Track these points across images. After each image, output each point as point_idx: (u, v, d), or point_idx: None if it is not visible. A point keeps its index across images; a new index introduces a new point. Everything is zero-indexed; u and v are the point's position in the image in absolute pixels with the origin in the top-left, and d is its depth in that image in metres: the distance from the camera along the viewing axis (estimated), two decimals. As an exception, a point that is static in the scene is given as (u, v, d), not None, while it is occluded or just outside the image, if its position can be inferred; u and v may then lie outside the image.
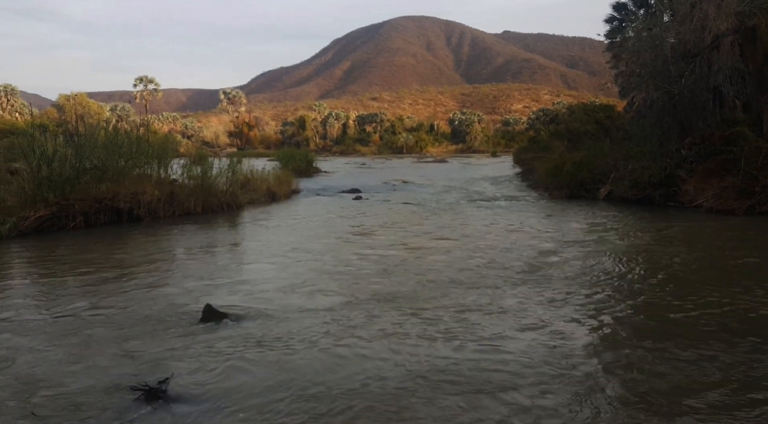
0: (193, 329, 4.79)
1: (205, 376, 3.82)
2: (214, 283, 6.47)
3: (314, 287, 6.19)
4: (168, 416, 3.28)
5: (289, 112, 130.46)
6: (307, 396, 3.52)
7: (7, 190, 10.41)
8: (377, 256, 7.92)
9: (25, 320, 5.13)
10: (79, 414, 3.32)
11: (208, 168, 13.54)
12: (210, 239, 9.84)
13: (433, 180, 24.58)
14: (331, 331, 4.73)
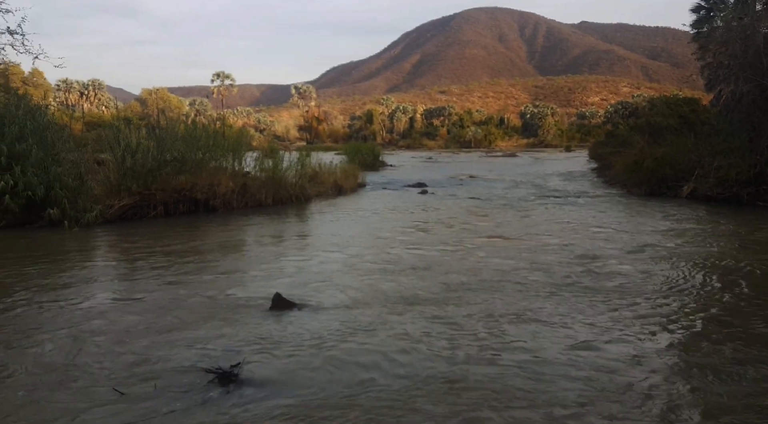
0: (262, 317, 4.95)
1: (273, 362, 3.96)
2: (282, 272, 6.65)
3: (371, 281, 6.23)
4: (239, 398, 3.42)
5: (357, 107, 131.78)
6: (366, 386, 3.57)
7: (95, 179, 11.14)
8: (433, 253, 7.85)
9: (108, 303, 5.48)
10: (158, 392, 3.51)
11: (278, 161, 13.90)
12: (279, 230, 10.11)
13: (502, 175, 24.09)
14: (382, 325, 4.73)
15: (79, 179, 10.66)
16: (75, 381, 3.71)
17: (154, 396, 3.45)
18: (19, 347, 4.26)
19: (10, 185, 9.55)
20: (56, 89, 63.28)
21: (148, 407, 3.31)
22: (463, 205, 13.68)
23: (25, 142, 10.19)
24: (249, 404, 3.34)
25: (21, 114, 10.75)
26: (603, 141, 30.57)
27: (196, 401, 3.38)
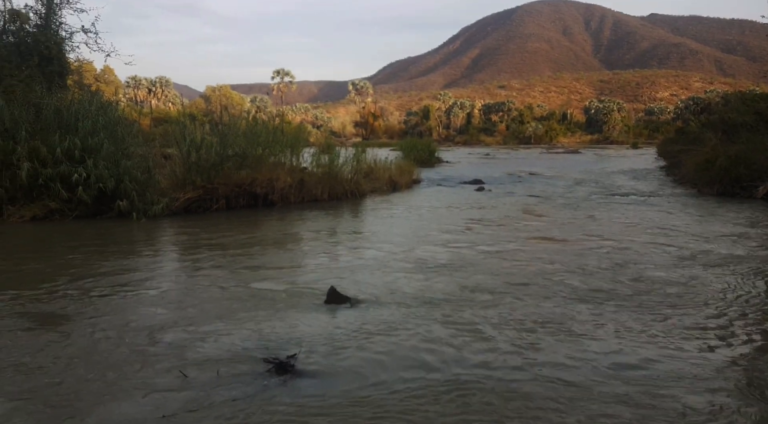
0: (317, 309, 5.05)
1: (328, 354, 4.03)
2: (336, 267, 6.73)
3: (422, 278, 6.19)
4: (295, 388, 3.51)
5: (414, 102, 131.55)
6: (415, 383, 3.55)
7: (162, 173, 11.63)
8: (482, 252, 7.70)
9: (172, 291, 5.71)
10: (219, 378, 3.66)
11: (335, 157, 14.05)
12: (334, 225, 10.22)
13: (564, 173, 23.41)
14: (430, 323, 4.69)
15: (147, 173, 11.16)
16: (143, 362, 3.89)
17: (216, 382, 3.59)
18: (90, 329, 4.50)
19: (83, 177, 10.11)
20: (126, 86, 66.66)
21: (211, 392, 3.44)
22: (520, 203, 13.38)
23: (97, 137, 10.76)
24: (304, 395, 3.42)
25: (93, 109, 11.37)
26: (672, 138, 29.18)
27: (256, 388, 3.50)
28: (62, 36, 12.93)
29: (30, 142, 10.27)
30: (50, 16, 12.74)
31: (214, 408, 3.24)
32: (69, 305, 5.15)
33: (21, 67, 11.91)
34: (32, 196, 10.15)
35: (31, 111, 10.85)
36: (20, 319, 4.77)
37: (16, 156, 10.05)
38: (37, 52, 12.22)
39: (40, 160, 10.15)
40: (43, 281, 5.95)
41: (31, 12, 12.48)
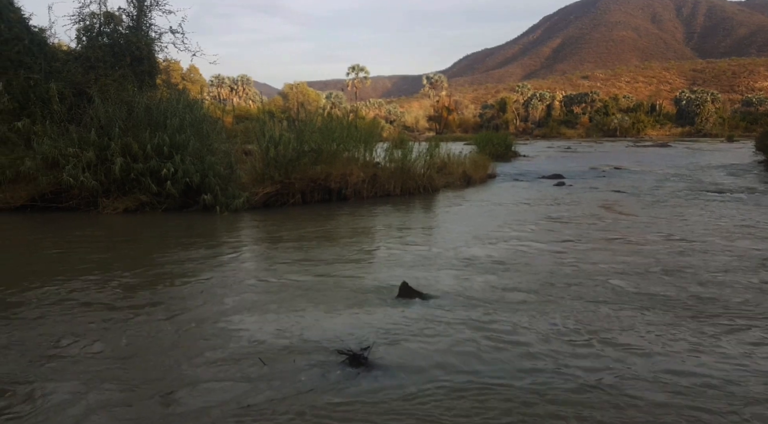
0: (389, 304, 5.08)
1: (400, 348, 4.04)
2: (408, 261, 6.70)
3: (495, 275, 6.04)
4: (368, 380, 3.55)
5: (490, 95, 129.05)
6: (485, 379, 3.47)
7: (242, 168, 12.07)
8: (553, 251, 7.37)
9: (250, 280, 5.89)
10: (295, 366, 3.77)
11: (407, 152, 14.01)
12: (406, 220, 10.19)
13: (652, 167, 22.13)
14: (502, 322, 4.54)
15: (229, 168, 11.63)
16: (224, 349, 4.05)
17: (292, 371, 3.69)
18: (174, 316, 4.72)
19: (171, 172, 10.67)
20: (210, 85, 70.01)
21: (288, 382, 3.54)
22: (602, 199, 12.75)
23: (184, 134, 11.32)
24: (377, 387, 3.46)
25: (181, 108, 11.96)
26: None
27: (330, 379, 3.57)
28: (152, 37, 13.68)
29: (123, 139, 10.97)
30: (141, 17, 13.52)
31: (293, 398, 3.33)
32: (156, 294, 5.44)
33: (115, 67, 12.75)
34: (125, 189, 10.85)
35: (124, 109, 11.58)
36: (109, 305, 5.08)
37: (110, 152, 10.77)
38: (129, 53, 13.02)
39: (132, 156, 10.82)
40: (134, 269, 6.33)
41: (124, 14, 13.31)
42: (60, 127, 11.31)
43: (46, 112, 11.57)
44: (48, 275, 6.11)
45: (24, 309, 4.95)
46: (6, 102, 11.29)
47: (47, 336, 4.31)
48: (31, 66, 11.89)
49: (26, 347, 4.10)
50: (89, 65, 12.61)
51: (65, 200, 10.85)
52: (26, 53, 11.92)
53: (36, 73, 11.85)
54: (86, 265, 6.63)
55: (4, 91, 11.32)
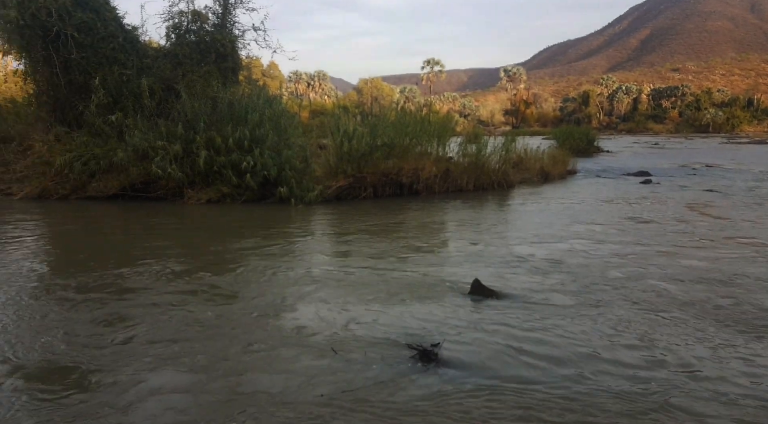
0: (461, 301, 5.00)
1: (471, 347, 3.98)
2: (479, 258, 6.56)
3: (569, 276, 5.77)
4: (438, 377, 3.51)
5: (572, 88, 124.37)
6: (556, 383, 3.33)
7: (317, 162, 12.31)
8: (636, 254, 6.91)
9: (321, 272, 5.97)
10: (366, 358, 3.79)
11: (482, 146, 13.73)
12: (479, 216, 9.99)
13: (749, 165, 20.47)
14: (576, 324, 4.31)
15: (304, 162, 11.90)
16: (297, 337, 4.13)
17: (363, 362, 3.72)
18: (250, 304, 4.87)
19: (250, 165, 11.05)
20: (288, 80, 71.99)
21: (359, 373, 3.56)
22: (691, 199, 11.92)
23: (263, 128, 11.69)
24: (447, 385, 3.42)
25: (261, 103, 12.35)
26: None
27: (400, 373, 3.56)
28: (236, 34, 14.19)
29: (207, 133, 11.47)
30: (226, 15, 14.05)
31: (364, 390, 3.35)
32: (230, 281, 5.63)
33: (201, 63, 13.34)
34: (208, 181, 11.35)
35: (209, 104, 12.10)
36: (189, 293, 5.31)
37: (196, 145, 11.30)
38: (215, 50, 13.58)
39: (215, 149, 11.30)
40: (209, 256, 6.60)
41: (210, 12, 13.87)
42: (150, 121, 12.00)
43: (137, 107, 12.31)
44: (130, 258, 6.49)
45: (104, 292, 5.28)
46: (101, 96, 12.11)
47: (120, 320, 4.56)
48: (124, 62, 12.67)
49: (100, 329, 4.36)
50: (177, 62, 13.27)
51: (153, 190, 11.51)
52: (120, 50, 12.72)
53: (128, 69, 12.62)
54: (166, 250, 6.99)
55: (100, 86, 12.14)
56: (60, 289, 5.39)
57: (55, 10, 11.70)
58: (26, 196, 11.63)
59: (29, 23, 11.64)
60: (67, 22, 11.93)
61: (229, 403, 3.20)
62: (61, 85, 12.48)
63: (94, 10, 12.46)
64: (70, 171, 11.53)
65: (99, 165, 11.63)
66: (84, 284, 5.53)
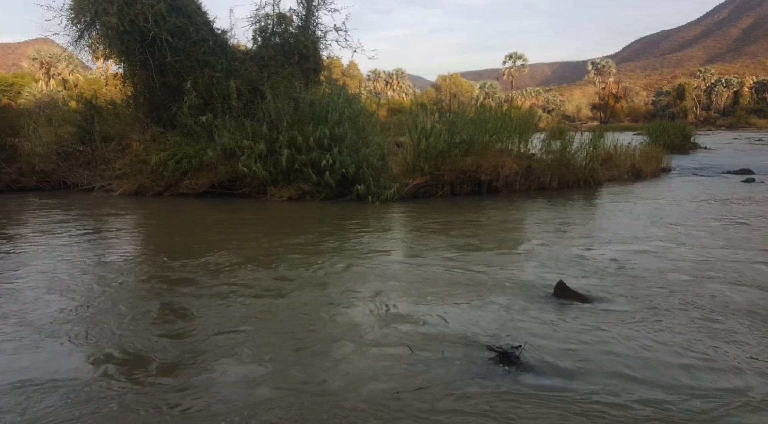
0: (544, 303, 4.83)
1: (555, 351, 3.83)
2: (564, 259, 6.29)
3: (660, 281, 5.38)
4: (519, 380, 3.40)
5: (665, 81, 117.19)
6: (640, 391, 3.11)
7: (394, 160, 12.30)
8: (731, 260, 6.28)
9: (398, 268, 5.94)
10: (443, 357, 3.73)
11: (567, 143, 13.17)
12: (563, 215, 9.56)
13: None
14: (665, 334, 3.99)
15: (382, 160, 11.93)
16: (373, 333, 4.15)
17: (440, 361, 3.66)
18: (327, 298, 4.91)
19: (329, 163, 11.23)
20: (367, 79, 72.77)
21: (436, 372, 3.51)
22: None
23: (342, 127, 11.84)
24: (527, 388, 3.31)
25: (341, 102, 12.52)
26: None
27: (478, 374, 3.47)
28: (318, 35, 14.48)
29: (289, 132, 11.78)
30: (309, 17, 14.36)
31: (440, 388, 3.29)
32: (309, 275, 5.72)
33: (284, 65, 13.74)
34: (289, 179, 11.66)
35: (291, 104, 12.42)
36: (264, 284, 5.44)
37: (278, 144, 11.63)
38: (298, 51, 13.93)
39: (296, 148, 11.58)
40: (290, 251, 6.74)
41: (294, 15, 14.23)
42: (237, 121, 12.50)
43: (225, 108, 12.86)
44: (208, 250, 6.75)
45: (195, 285, 5.51)
46: (193, 98, 12.75)
47: (194, 310, 4.73)
48: (214, 65, 13.28)
49: (177, 318, 4.53)
50: (263, 64, 13.74)
51: (239, 188, 11.99)
52: (210, 54, 13.34)
53: (218, 71, 13.21)
54: (245, 244, 7.21)
55: (192, 88, 12.79)
56: (136, 279, 5.70)
57: (152, 16, 12.45)
58: (124, 193, 12.47)
59: (128, 29, 12.47)
60: (162, 27, 12.66)
61: (303, 396, 3.21)
62: (156, 88, 13.27)
63: (187, 15, 13.14)
64: (164, 169, 12.24)
65: (191, 164, 12.25)
66: (162, 273, 5.82)
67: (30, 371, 3.56)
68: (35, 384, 3.38)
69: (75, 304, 4.90)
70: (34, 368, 3.61)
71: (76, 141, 14.28)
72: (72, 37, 13.01)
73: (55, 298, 5.07)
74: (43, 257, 6.66)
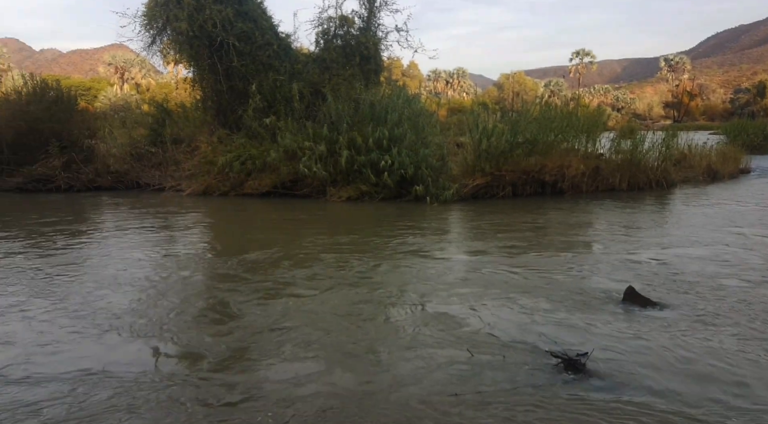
0: (611, 309, 4.62)
1: (623, 360, 3.65)
2: (631, 264, 5.99)
3: (736, 290, 5.01)
4: (584, 389, 3.26)
5: (744, 78, 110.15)
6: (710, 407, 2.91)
7: (454, 160, 12.13)
8: None
9: (460, 270, 5.83)
10: (504, 362, 3.62)
11: (637, 142, 12.59)
12: (633, 218, 9.11)
13: None
14: (742, 342, 3.64)
15: (441, 160, 11.80)
16: (431, 333, 4.08)
17: (500, 366, 3.56)
18: (381, 296, 4.87)
19: (388, 164, 11.21)
20: (427, 79, 72.43)
21: (496, 376, 3.42)
22: None
23: (401, 127, 11.79)
24: (593, 398, 3.14)
25: (400, 103, 12.47)
26: None
27: (541, 381, 3.35)
28: (379, 36, 14.51)
29: (349, 133, 11.86)
30: (371, 18, 14.41)
31: (500, 394, 3.19)
32: (363, 274, 5.69)
33: (345, 67, 13.85)
34: (348, 179, 11.73)
35: (351, 106, 12.50)
36: (323, 286, 5.45)
37: (338, 145, 11.73)
38: (359, 53, 14.01)
39: (356, 149, 11.64)
40: (348, 252, 6.75)
41: (356, 17, 14.33)
42: (299, 123, 12.71)
43: (288, 110, 13.11)
44: (267, 249, 6.86)
45: (258, 279, 5.60)
46: (257, 101, 13.08)
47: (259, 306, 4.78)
48: (278, 69, 13.57)
49: (256, 315, 4.59)
50: (324, 66, 13.92)
51: (300, 188, 12.18)
52: (275, 57, 13.64)
53: (282, 75, 13.49)
54: (304, 243, 7.28)
55: (256, 91, 13.12)
56: (194, 276, 5.85)
57: (219, 21, 12.87)
58: (192, 193, 12.95)
59: (197, 34, 12.94)
60: (229, 31, 13.06)
61: (363, 396, 3.17)
62: (223, 91, 13.71)
63: (253, 19, 13.50)
64: (230, 170, 12.61)
65: (254, 165, 12.56)
66: (218, 270, 5.95)
67: (88, 362, 3.69)
68: (92, 374, 3.51)
69: (134, 298, 5.09)
70: (91, 358, 3.75)
71: (148, 143, 14.98)
72: (145, 42, 13.66)
73: (115, 292, 5.28)
74: (110, 253, 6.98)
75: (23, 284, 5.61)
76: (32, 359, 3.76)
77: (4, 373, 3.54)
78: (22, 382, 3.42)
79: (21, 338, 4.14)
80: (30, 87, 15.20)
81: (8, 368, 3.60)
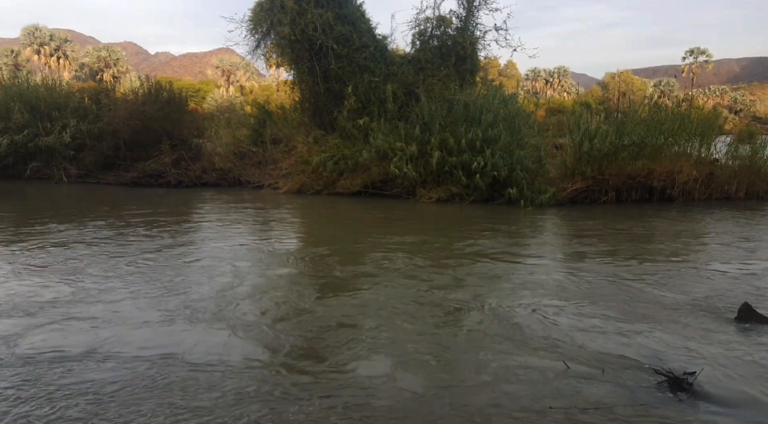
0: (722, 327, 4.25)
1: (736, 380, 3.35)
2: (749, 279, 5.44)
3: None
4: (692, 411, 3.01)
5: None
6: None
7: (551, 163, 11.63)
8: None
9: (554, 277, 5.54)
10: (602, 377, 3.40)
11: (758, 148, 11.49)
12: (749, 229, 8.26)
13: None
14: None
15: (537, 162, 11.37)
16: (524, 340, 3.94)
17: (598, 381, 3.35)
18: (471, 302, 4.72)
19: (480, 166, 10.96)
20: (525, 78, 70.35)
21: (593, 391, 3.22)
22: None
23: (496, 128, 11.49)
24: (702, 420, 2.89)
25: (496, 103, 12.16)
26: None
27: (643, 399, 3.11)
28: (477, 36, 14.25)
29: (441, 134, 11.73)
30: (469, 18, 14.18)
31: (597, 411, 2.99)
32: (453, 280, 5.56)
33: (441, 67, 13.75)
34: (439, 180, 11.61)
35: (445, 106, 12.36)
36: (410, 290, 5.38)
37: (430, 146, 11.64)
38: (455, 53, 13.85)
39: (447, 150, 11.50)
40: (436, 253, 6.64)
41: (453, 16, 14.17)
42: (391, 124, 12.77)
43: (381, 111, 13.22)
44: (356, 249, 6.89)
45: (346, 281, 5.64)
46: (352, 102, 13.31)
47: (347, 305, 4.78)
48: (373, 70, 13.72)
49: (331, 308, 4.61)
50: (419, 67, 13.90)
51: (390, 188, 12.23)
52: (371, 59, 13.81)
53: (377, 76, 13.63)
54: (391, 243, 7.24)
55: (352, 93, 13.35)
56: (283, 267, 5.97)
57: (320, 25, 13.23)
58: (288, 191, 13.41)
59: (299, 38, 13.38)
60: (329, 35, 13.39)
61: (455, 408, 3.05)
62: (321, 93, 14.09)
63: (352, 23, 13.75)
64: (323, 170, 12.93)
65: (347, 165, 12.79)
66: (305, 265, 6.04)
67: (174, 347, 3.85)
68: (177, 359, 3.65)
69: (225, 289, 5.26)
70: (178, 345, 3.90)
71: (250, 142, 15.74)
72: (250, 46, 14.33)
73: (210, 282, 5.50)
74: (208, 245, 7.34)
75: (120, 269, 6.01)
76: (123, 339, 4.00)
77: (98, 351, 3.78)
78: (108, 359, 3.64)
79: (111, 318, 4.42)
80: (146, 88, 16.50)
81: (101, 346, 3.85)
